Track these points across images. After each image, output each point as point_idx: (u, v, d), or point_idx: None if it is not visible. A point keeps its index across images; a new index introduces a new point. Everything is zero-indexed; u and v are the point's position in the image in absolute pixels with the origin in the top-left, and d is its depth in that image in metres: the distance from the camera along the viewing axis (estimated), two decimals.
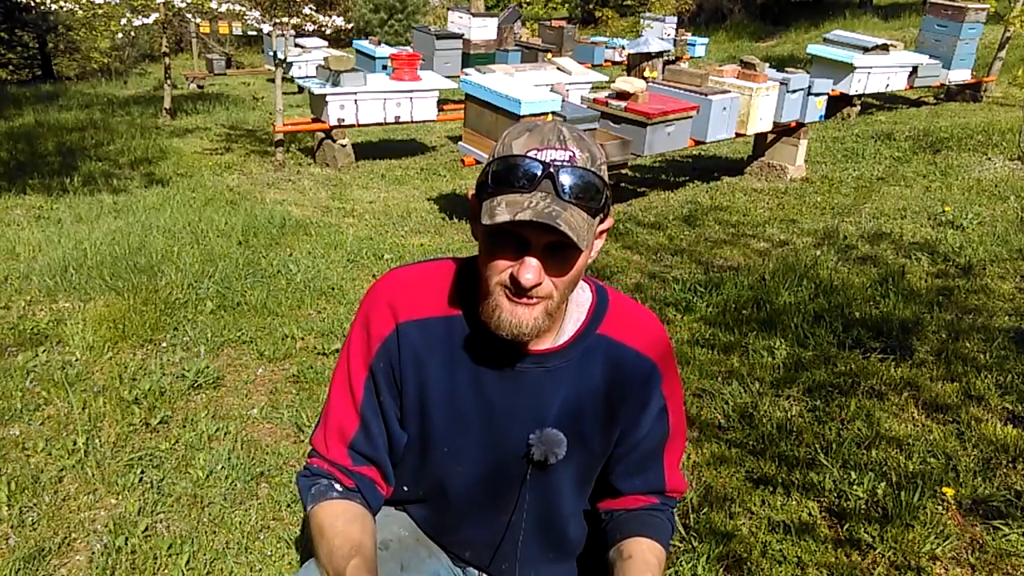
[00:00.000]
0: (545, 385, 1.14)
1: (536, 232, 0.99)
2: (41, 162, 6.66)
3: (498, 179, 1.00)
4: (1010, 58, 9.72)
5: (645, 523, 1.21)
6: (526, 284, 1.00)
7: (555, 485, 1.21)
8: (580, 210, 0.99)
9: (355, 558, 1.04)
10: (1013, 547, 2.02)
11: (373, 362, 1.15)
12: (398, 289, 1.16)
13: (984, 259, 4.09)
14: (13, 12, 15.20)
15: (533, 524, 1.24)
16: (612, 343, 1.16)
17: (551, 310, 1.06)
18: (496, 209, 0.98)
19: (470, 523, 1.25)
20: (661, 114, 4.91)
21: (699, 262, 4.17)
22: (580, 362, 1.15)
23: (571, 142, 1.01)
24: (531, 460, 1.15)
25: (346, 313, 3.42)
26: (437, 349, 1.13)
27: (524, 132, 1.02)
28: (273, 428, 2.58)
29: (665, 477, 1.24)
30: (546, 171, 0.98)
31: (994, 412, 2.67)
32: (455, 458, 1.18)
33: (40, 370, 2.83)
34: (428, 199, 5.61)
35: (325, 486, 1.15)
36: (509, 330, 1.04)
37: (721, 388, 2.81)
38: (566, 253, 1.01)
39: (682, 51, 11.66)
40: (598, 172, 1.02)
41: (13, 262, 3.97)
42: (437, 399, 1.15)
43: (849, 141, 7.09)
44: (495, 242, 1.02)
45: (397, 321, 1.14)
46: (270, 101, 8.79)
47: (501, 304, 1.04)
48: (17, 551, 1.96)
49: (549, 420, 1.14)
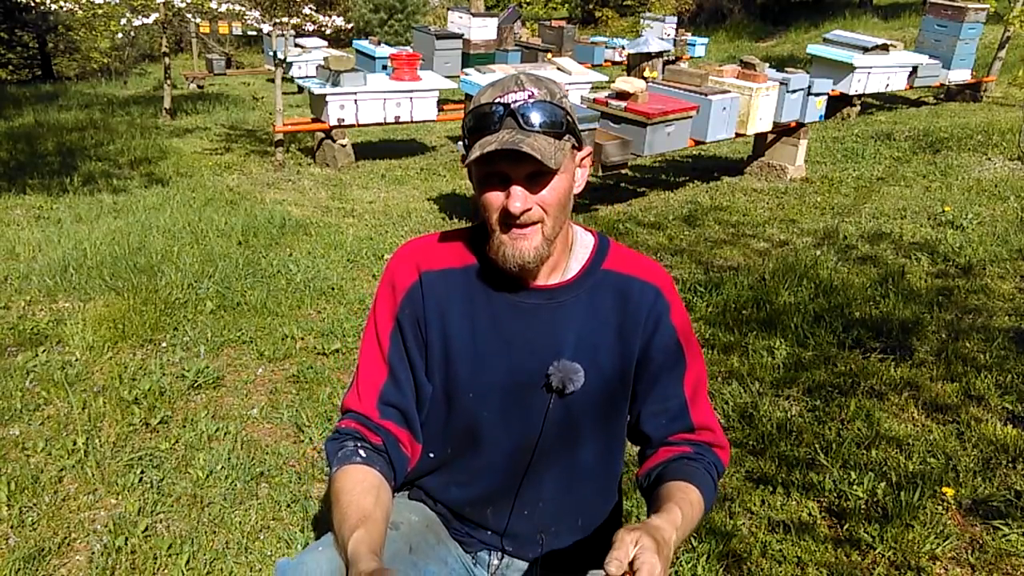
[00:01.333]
0: (558, 318, 1.22)
1: (512, 164, 1.11)
2: (41, 162, 6.66)
3: (472, 130, 1.14)
4: (1010, 58, 9.72)
5: (680, 470, 1.20)
6: (515, 211, 1.11)
7: (577, 419, 1.24)
8: (544, 136, 1.11)
9: (359, 529, 1.05)
10: (1013, 547, 2.02)
11: (399, 311, 1.24)
12: (419, 247, 1.28)
13: (984, 259, 4.09)
14: (13, 12, 15.20)
15: (555, 468, 1.26)
16: (618, 275, 1.24)
17: (548, 235, 1.16)
18: (472, 152, 1.12)
19: (495, 471, 1.27)
20: (661, 114, 4.91)
21: (699, 262, 4.17)
22: (590, 296, 1.23)
23: (528, 83, 1.14)
24: (551, 388, 1.21)
25: (346, 313, 3.42)
26: (457, 295, 1.23)
27: (488, 87, 1.16)
28: (273, 428, 2.58)
29: (689, 411, 1.24)
30: (507, 110, 1.11)
31: (994, 412, 2.67)
32: (480, 401, 1.24)
33: (40, 370, 2.83)
34: (428, 199, 5.61)
35: (351, 449, 1.18)
36: (514, 260, 1.15)
37: (721, 388, 2.81)
38: (545, 178, 1.13)
39: (682, 51, 11.66)
40: (557, 104, 1.14)
41: (13, 262, 3.97)
42: (459, 343, 1.22)
43: (849, 141, 7.09)
44: (483, 184, 1.15)
45: (420, 271, 1.24)
46: (270, 101, 8.79)
47: (503, 240, 1.15)
48: (17, 551, 1.96)
49: (566, 352, 1.21)
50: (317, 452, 2.43)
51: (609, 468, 1.32)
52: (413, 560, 1.23)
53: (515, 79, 1.14)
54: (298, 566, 1.09)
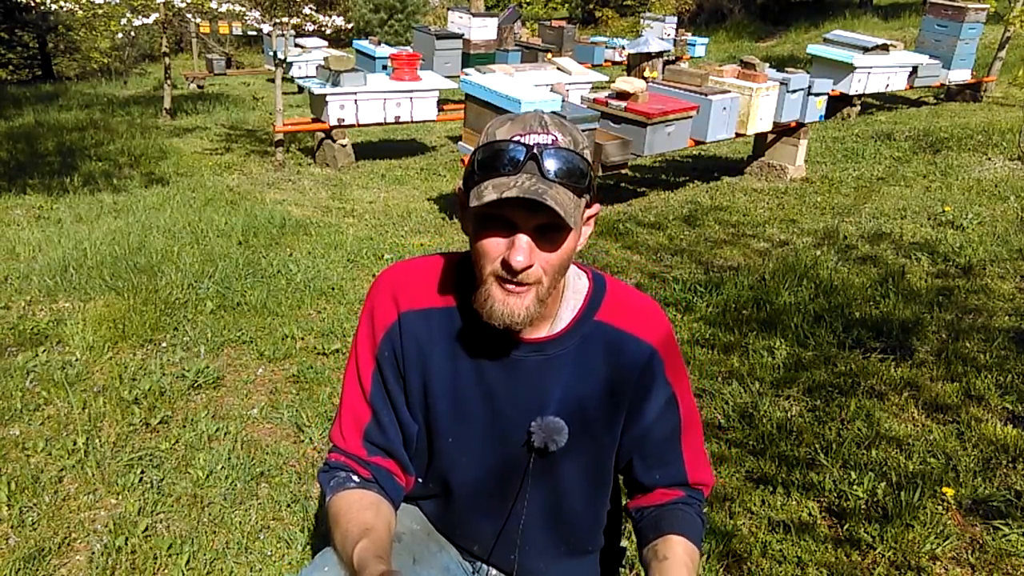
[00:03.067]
0: (545, 373, 1.15)
1: (524, 214, 1.00)
2: (41, 162, 6.66)
3: (484, 165, 1.01)
4: (1010, 58, 9.72)
5: (676, 521, 1.19)
6: (517, 266, 1.00)
7: (561, 476, 1.21)
8: (566, 190, 1.00)
9: (363, 540, 1.03)
10: (1013, 547, 2.02)
11: (378, 352, 1.17)
12: (400, 280, 1.18)
13: (984, 259, 4.09)
14: (13, 12, 15.19)
15: (539, 516, 1.24)
16: (610, 329, 1.16)
17: (542, 296, 1.06)
18: (483, 191, 1.00)
19: (477, 515, 1.26)
20: (661, 114, 4.91)
21: (699, 262, 4.17)
22: (579, 350, 1.15)
23: (553, 127, 1.03)
24: (532, 448, 1.15)
25: (346, 313, 3.42)
26: (439, 338, 1.15)
27: (507, 121, 1.04)
28: (273, 428, 2.58)
29: (686, 469, 1.22)
30: (530, 153, 1.00)
31: (994, 412, 2.67)
32: (459, 448, 1.19)
33: (40, 370, 2.83)
34: (428, 199, 5.61)
35: (343, 478, 1.17)
36: (501, 319, 1.05)
37: (721, 388, 2.81)
38: (555, 234, 1.02)
39: (682, 51, 11.66)
40: (581, 154, 1.03)
41: (13, 262, 3.97)
42: (440, 389, 1.16)
43: (849, 141, 7.09)
44: (484, 227, 1.03)
45: (400, 311, 1.16)
46: (270, 101, 8.79)
47: (493, 294, 1.05)
48: (17, 551, 1.96)
49: (550, 408, 1.15)
50: (317, 452, 2.43)
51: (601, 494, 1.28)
52: (417, 571, 1.22)
53: (539, 119, 1.03)
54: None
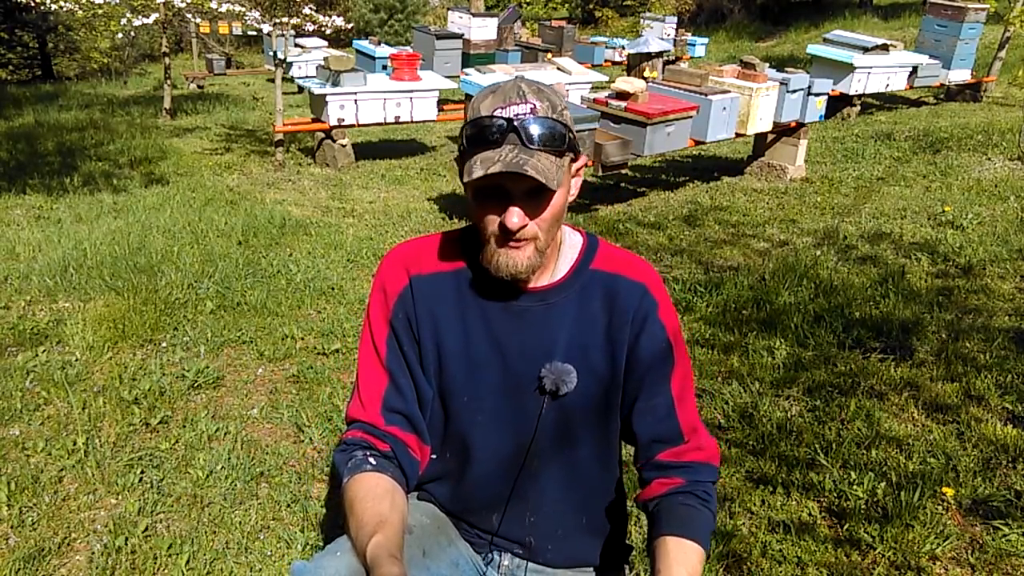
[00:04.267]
0: (549, 320, 1.22)
1: (511, 181, 1.10)
2: (41, 162, 6.66)
3: (471, 140, 1.12)
4: (1010, 58, 9.72)
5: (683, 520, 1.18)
6: (512, 228, 1.11)
7: (574, 427, 1.25)
8: (547, 154, 1.10)
9: (377, 534, 1.05)
10: (1013, 547, 2.02)
11: (392, 316, 1.24)
12: (408, 252, 1.28)
13: (984, 259, 4.09)
14: (13, 12, 15.19)
15: (553, 477, 1.27)
16: (606, 275, 1.24)
17: (540, 248, 1.16)
18: (473, 167, 1.10)
19: (493, 480, 1.28)
20: (661, 114, 4.91)
21: (699, 262, 4.17)
22: (579, 296, 1.23)
23: (531, 95, 1.11)
24: (544, 391, 1.21)
25: (346, 313, 3.42)
26: (447, 298, 1.23)
27: (489, 94, 1.13)
28: (273, 428, 2.58)
29: (677, 412, 1.23)
30: (510, 125, 1.09)
31: (994, 412, 2.67)
32: (474, 406, 1.24)
33: (40, 370, 2.83)
34: (428, 199, 5.61)
35: (360, 459, 1.19)
36: (507, 270, 1.15)
37: (721, 388, 2.81)
38: (543, 195, 1.12)
39: (682, 51, 11.67)
40: (559, 118, 1.12)
41: (13, 262, 3.97)
42: (452, 347, 1.23)
43: (849, 141, 7.09)
44: (481, 196, 1.14)
45: (410, 275, 1.24)
46: (270, 101, 8.79)
47: (497, 250, 1.15)
48: (17, 551, 1.96)
49: (557, 354, 1.21)
50: (317, 452, 2.43)
51: (607, 466, 1.32)
52: (427, 564, 1.23)
53: (517, 89, 1.12)
54: (316, 569, 1.08)
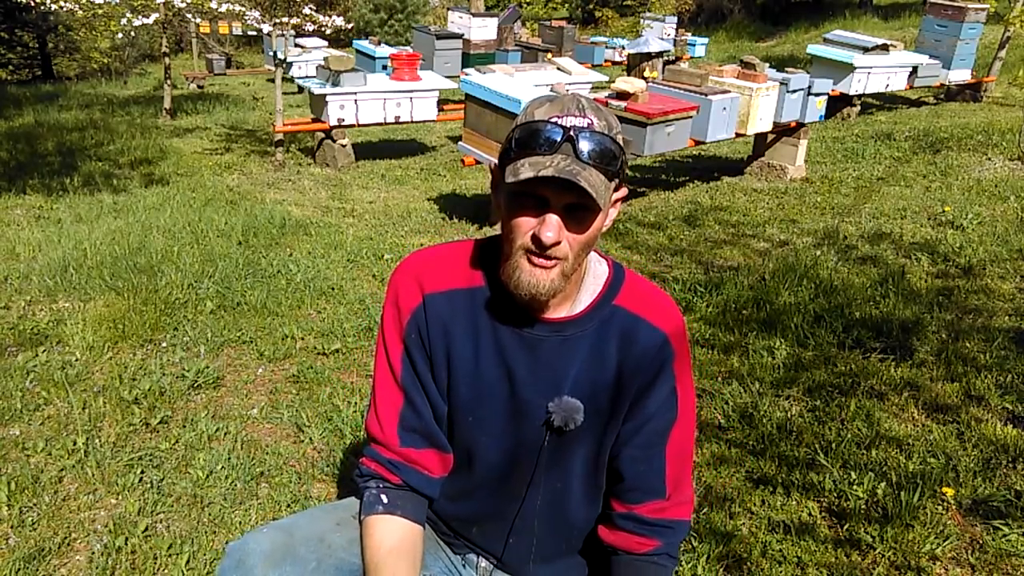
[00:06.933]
0: (563, 353, 1.18)
1: (556, 192, 1.04)
2: (41, 162, 6.66)
3: (521, 144, 1.06)
4: (1010, 58, 9.72)
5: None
6: (547, 241, 1.05)
7: (569, 458, 1.24)
8: (598, 172, 1.05)
9: None
10: (1013, 547, 2.02)
11: (405, 335, 1.21)
12: (423, 265, 1.23)
13: (984, 259, 4.09)
14: (13, 12, 15.20)
15: (546, 495, 1.27)
16: (627, 314, 1.19)
17: (566, 271, 1.10)
18: (520, 169, 1.04)
19: (490, 496, 1.28)
20: (661, 114, 4.91)
21: (699, 262, 4.17)
22: (596, 333, 1.19)
23: (590, 111, 1.07)
24: (550, 426, 1.19)
25: (346, 313, 3.42)
26: (461, 318, 1.19)
27: (546, 102, 1.09)
28: (273, 428, 2.58)
29: (666, 472, 1.23)
30: (566, 135, 1.04)
31: (994, 412, 2.67)
32: (480, 427, 1.23)
33: (40, 370, 2.83)
34: (428, 199, 5.61)
35: (373, 496, 1.20)
36: (527, 289, 1.09)
37: (721, 388, 2.81)
38: (584, 214, 1.07)
39: (682, 51, 11.68)
40: (615, 138, 1.07)
41: (13, 262, 3.97)
42: (462, 368, 1.20)
43: (849, 141, 7.09)
44: (517, 203, 1.08)
45: (424, 293, 1.20)
46: (270, 101, 8.79)
47: (521, 265, 1.09)
48: (17, 551, 1.96)
49: (566, 388, 1.18)
50: (317, 452, 2.43)
51: (597, 492, 1.31)
52: None
53: (576, 102, 1.07)
54: (243, 545, 1.16)
